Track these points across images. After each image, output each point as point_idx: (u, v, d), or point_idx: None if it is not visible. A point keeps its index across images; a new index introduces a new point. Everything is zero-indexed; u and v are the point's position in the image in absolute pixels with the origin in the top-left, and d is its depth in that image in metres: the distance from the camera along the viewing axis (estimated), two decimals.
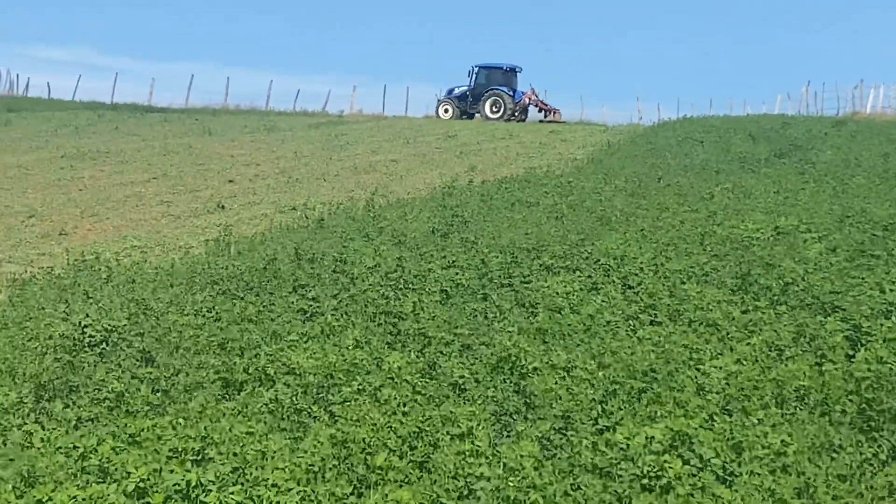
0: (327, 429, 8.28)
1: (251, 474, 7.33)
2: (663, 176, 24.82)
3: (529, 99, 52.04)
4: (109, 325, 11.82)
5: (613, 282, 13.70)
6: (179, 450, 7.75)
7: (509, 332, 11.52)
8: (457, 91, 53.38)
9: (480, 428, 8.45)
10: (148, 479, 7.15)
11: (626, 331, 11.69)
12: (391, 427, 8.29)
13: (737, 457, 7.89)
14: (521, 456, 7.57)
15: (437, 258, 15.26)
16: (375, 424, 8.31)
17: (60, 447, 7.95)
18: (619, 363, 10.20)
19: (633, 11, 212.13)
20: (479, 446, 7.76)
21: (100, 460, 7.58)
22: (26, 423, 8.95)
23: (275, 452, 7.67)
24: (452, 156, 34.11)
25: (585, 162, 30.56)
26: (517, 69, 53.10)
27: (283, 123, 48.76)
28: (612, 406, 9.07)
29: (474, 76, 52.73)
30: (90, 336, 11.55)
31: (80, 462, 7.64)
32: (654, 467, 7.51)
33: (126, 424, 8.40)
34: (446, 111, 52.63)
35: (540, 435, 8.26)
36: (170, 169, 31.39)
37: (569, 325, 11.75)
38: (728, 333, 11.47)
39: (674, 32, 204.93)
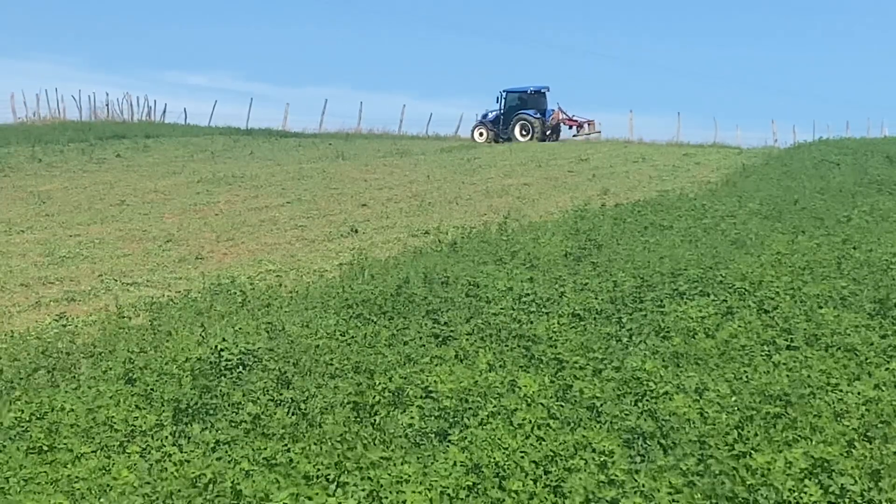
0: (462, 452, 8.29)
1: (386, 499, 7.37)
2: (799, 199, 24.45)
3: (557, 118, 52.95)
4: (245, 348, 11.97)
5: (749, 306, 13.49)
6: (316, 474, 7.82)
7: (643, 356, 11.43)
8: (490, 116, 54.48)
9: (615, 453, 8.40)
10: None
11: (762, 356, 11.53)
12: (525, 451, 8.29)
13: (876, 484, 7.75)
14: (661, 485, 7.52)
15: (569, 282, 15.21)
16: (509, 448, 8.31)
17: (197, 470, 8.07)
18: (754, 388, 10.07)
19: (770, 31, 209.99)
20: (615, 474, 7.72)
21: (236, 484, 7.68)
22: (164, 446, 9.09)
23: (409, 476, 7.70)
24: (584, 179, 33.96)
25: (719, 185, 30.25)
26: (544, 90, 53.99)
27: (416, 147, 49.06)
28: (749, 431, 8.96)
29: (503, 101, 53.75)
30: (227, 359, 11.71)
31: (217, 485, 7.74)
32: (795, 493, 7.41)
33: (263, 448, 8.50)
34: (481, 135, 53.82)
35: (681, 471, 8.14)
36: (304, 193, 31.77)
37: (703, 349, 11.64)
38: (866, 358, 11.24)
39: (811, 53, 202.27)
